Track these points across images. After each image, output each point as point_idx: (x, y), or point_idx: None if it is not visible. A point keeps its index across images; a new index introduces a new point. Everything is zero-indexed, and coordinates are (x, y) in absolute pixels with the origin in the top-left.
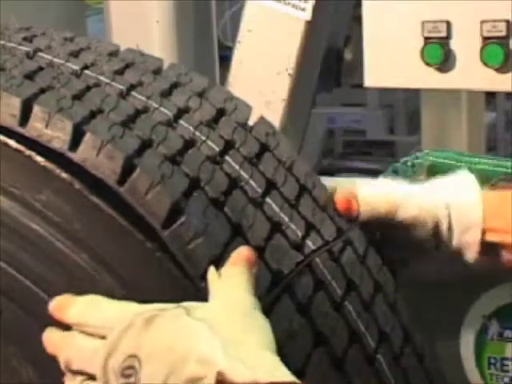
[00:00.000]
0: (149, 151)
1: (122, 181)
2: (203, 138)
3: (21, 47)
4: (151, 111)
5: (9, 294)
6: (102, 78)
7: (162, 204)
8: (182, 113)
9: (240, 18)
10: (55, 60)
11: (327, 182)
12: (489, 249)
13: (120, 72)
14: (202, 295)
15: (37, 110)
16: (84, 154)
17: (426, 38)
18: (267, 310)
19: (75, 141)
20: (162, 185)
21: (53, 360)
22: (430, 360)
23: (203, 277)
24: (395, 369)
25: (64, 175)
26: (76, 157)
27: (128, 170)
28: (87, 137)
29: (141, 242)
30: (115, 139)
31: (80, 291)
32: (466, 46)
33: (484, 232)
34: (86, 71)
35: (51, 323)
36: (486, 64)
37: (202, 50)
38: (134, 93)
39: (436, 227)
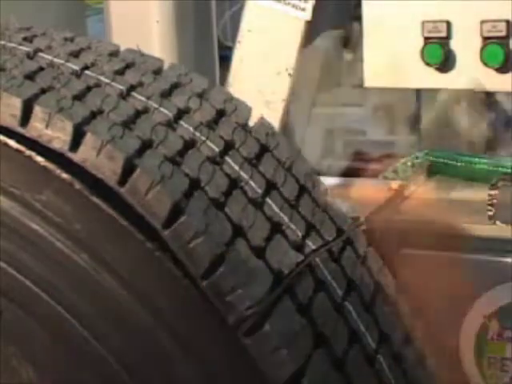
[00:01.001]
0: (149, 151)
1: (122, 181)
2: (203, 138)
3: (21, 47)
4: (151, 112)
5: (9, 294)
6: (102, 78)
7: (162, 204)
8: (182, 113)
9: (240, 18)
10: (55, 60)
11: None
12: None
13: (120, 72)
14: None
15: (37, 110)
16: (84, 154)
17: (426, 38)
18: (268, 311)
19: (75, 141)
20: (162, 185)
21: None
22: (429, 360)
23: (204, 276)
24: (395, 369)
25: (64, 175)
26: (76, 157)
27: (128, 170)
28: (87, 137)
29: (141, 242)
30: (115, 140)
31: (80, 291)
32: (466, 46)
33: None
34: (87, 71)
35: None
36: (486, 64)
37: (202, 49)
38: (134, 93)
39: None
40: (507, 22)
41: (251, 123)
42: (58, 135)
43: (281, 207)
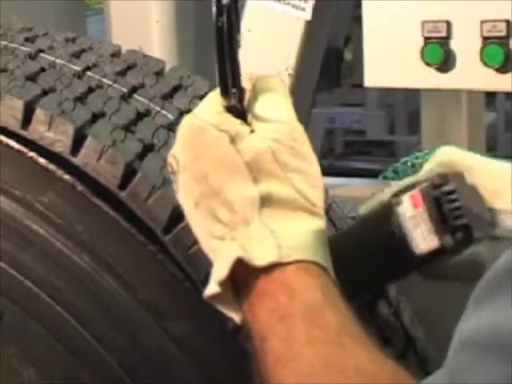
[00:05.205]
0: (150, 155)
1: (122, 185)
2: None
3: (23, 48)
4: (153, 114)
5: (10, 295)
6: (104, 79)
7: (163, 209)
8: (183, 116)
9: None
10: (57, 61)
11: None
12: None
13: (122, 73)
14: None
15: (39, 112)
16: (85, 158)
17: (426, 38)
18: None
19: (77, 145)
20: (163, 189)
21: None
22: (431, 362)
23: (205, 280)
24: None
25: (66, 177)
26: (77, 161)
27: (129, 174)
28: (89, 141)
29: (142, 244)
30: (117, 144)
31: (81, 292)
32: (466, 45)
33: None
34: (88, 72)
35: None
36: (486, 64)
37: (202, 50)
38: (135, 95)
39: None
40: (507, 21)
41: None
42: (59, 138)
43: None
